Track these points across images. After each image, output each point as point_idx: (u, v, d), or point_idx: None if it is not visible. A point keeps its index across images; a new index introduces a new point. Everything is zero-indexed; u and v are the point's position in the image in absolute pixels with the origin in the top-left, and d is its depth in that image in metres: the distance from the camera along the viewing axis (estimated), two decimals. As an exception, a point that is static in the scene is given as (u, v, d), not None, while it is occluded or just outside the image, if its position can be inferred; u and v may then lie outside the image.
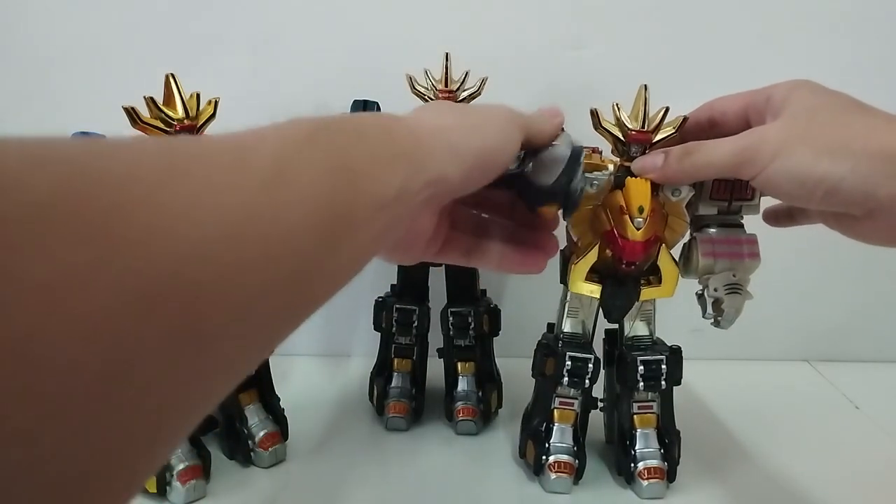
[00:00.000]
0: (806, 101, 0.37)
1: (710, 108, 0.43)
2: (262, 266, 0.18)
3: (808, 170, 0.35)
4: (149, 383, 0.15)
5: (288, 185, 0.20)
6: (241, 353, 0.19)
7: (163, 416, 0.17)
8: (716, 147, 0.38)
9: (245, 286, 0.18)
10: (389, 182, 0.24)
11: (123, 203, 0.15)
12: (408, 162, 0.25)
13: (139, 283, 0.15)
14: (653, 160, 0.41)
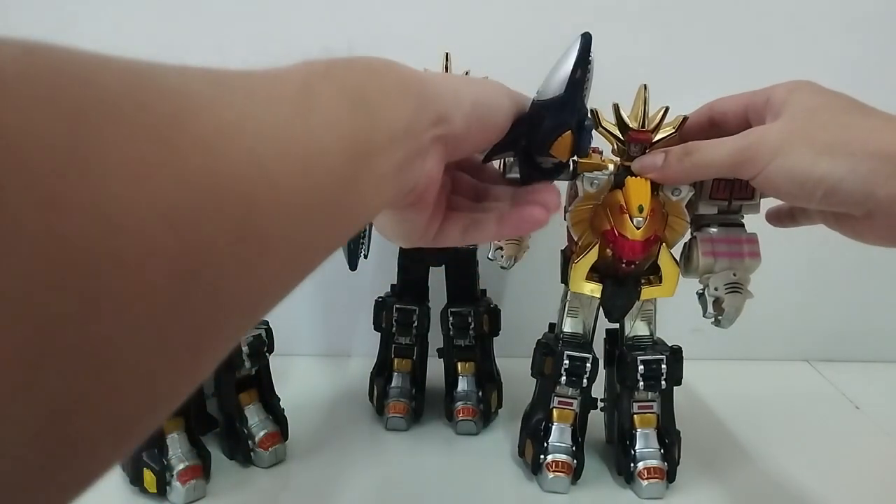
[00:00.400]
0: (806, 102, 0.37)
1: (709, 108, 0.43)
2: (304, 181, 0.19)
3: (807, 170, 0.35)
4: (218, 279, 0.16)
5: (316, 112, 0.21)
6: (292, 263, 0.20)
7: (227, 315, 0.17)
8: (715, 147, 0.39)
9: (293, 197, 0.19)
10: (399, 115, 0.25)
11: (184, 109, 0.16)
12: (415, 98, 0.26)
13: (209, 180, 0.16)
14: (652, 160, 0.41)
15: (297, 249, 0.20)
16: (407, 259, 0.56)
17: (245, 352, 0.48)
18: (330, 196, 0.21)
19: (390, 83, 0.25)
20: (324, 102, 0.22)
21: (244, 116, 0.18)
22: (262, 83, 0.21)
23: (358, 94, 0.23)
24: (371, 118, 0.23)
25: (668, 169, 0.40)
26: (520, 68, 0.62)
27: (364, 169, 0.23)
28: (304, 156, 0.19)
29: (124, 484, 0.46)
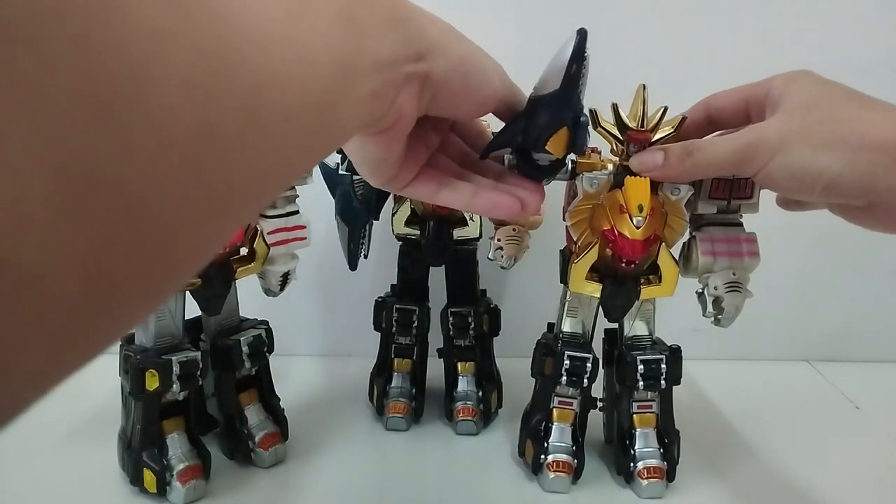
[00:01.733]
0: (803, 95, 0.37)
1: (706, 105, 0.43)
2: (298, 79, 0.20)
3: (806, 165, 0.35)
4: (229, 147, 0.17)
5: (308, 18, 0.21)
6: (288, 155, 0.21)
7: (237, 187, 0.18)
8: (716, 146, 0.39)
9: (289, 93, 0.19)
10: (384, 45, 0.25)
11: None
12: (403, 32, 0.26)
13: (221, 54, 0.17)
14: (652, 158, 0.41)
15: (291, 143, 0.21)
16: (407, 259, 0.56)
17: (245, 352, 0.48)
18: (317, 103, 0.21)
19: (385, 12, 0.26)
20: (316, 12, 0.22)
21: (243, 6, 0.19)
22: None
23: (349, 12, 0.23)
24: (359, 41, 0.24)
25: (670, 168, 0.40)
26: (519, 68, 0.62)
27: (346, 88, 0.23)
28: (297, 56, 0.20)
29: (124, 484, 0.46)
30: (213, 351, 0.48)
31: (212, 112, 0.16)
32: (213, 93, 0.16)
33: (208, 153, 0.16)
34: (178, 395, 0.45)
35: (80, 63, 0.13)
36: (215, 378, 0.49)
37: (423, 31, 0.28)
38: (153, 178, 0.15)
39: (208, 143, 0.16)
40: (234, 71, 0.17)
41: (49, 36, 0.13)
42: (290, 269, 0.49)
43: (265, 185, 0.20)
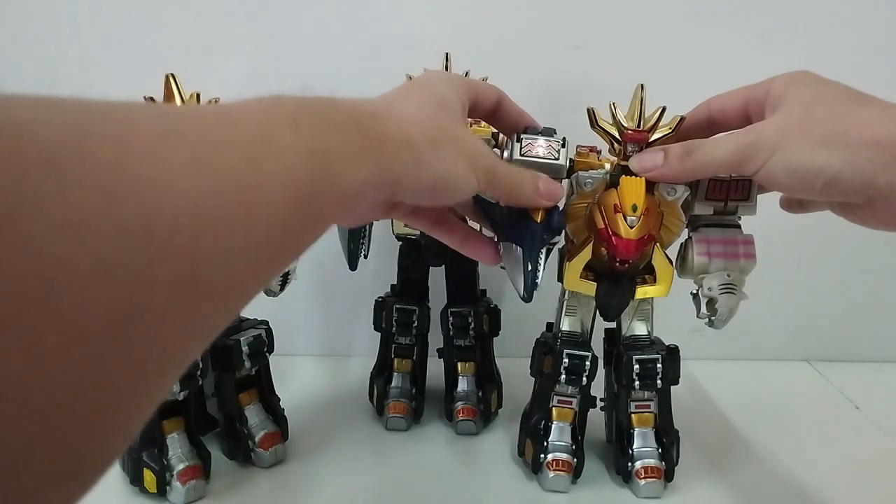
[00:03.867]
0: (802, 95, 0.38)
1: (707, 107, 0.43)
2: (246, 228, 0.19)
3: (805, 163, 0.35)
4: (158, 323, 0.17)
5: (270, 161, 0.21)
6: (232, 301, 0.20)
7: (167, 356, 0.18)
8: (716, 145, 0.39)
9: (235, 247, 0.19)
10: (354, 178, 0.25)
11: (126, 155, 0.16)
12: (375, 164, 0.26)
13: (148, 227, 0.16)
14: (652, 158, 0.41)
15: (237, 290, 0.20)
16: (407, 259, 0.56)
17: (245, 352, 0.48)
18: (273, 243, 0.21)
19: (352, 143, 0.25)
20: (281, 151, 0.22)
21: (192, 161, 0.18)
22: (216, 125, 0.21)
23: (319, 147, 0.23)
24: (327, 175, 0.23)
25: (670, 168, 0.40)
26: (519, 68, 0.63)
27: (309, 218, 0.23)
28: (250, 206, 0.20)
29: (124, 484, 0.46)
30: (212, 351, 0.48)
31: (137, 291, 0.16)
32: (139, 271, 0.16)
33: (133, 332, 0.16)
34: (177, 394, 0.45)
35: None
36: (215, 378, 0.49)
37: (398, 163, 0.28)
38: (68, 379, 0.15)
39: (132, 322, 0.16)
40: (162, 247, 0.16)
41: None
42: (290, 269, 0.49)
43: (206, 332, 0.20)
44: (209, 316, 0.19)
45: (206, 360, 0.47)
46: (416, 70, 0.50)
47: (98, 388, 0.15)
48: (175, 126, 0.19)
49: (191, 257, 0.17)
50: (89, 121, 0.17)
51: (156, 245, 0.16)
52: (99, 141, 0.16)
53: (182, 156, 0.18)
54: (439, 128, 0.31)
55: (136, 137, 0.17)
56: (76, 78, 0.59)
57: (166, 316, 0.17)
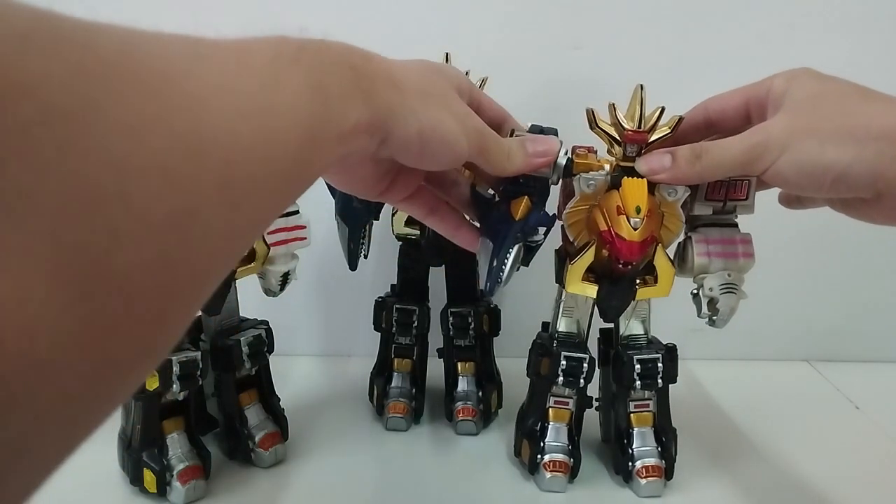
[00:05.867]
0: (806, 91, 0.38)
1: (704, 108, 0.44)
2: (265, 151, 0.21)
3: (815, 160, 0.35)
4: (209, 220, 0.18)
5: (281, 91, 0.23)
6: (261, 212, 0.22)
7: (215, 257, 0.20)
8: (725, 147, 0.39)
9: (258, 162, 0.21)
10: (349, 116, 0.26)
11: (170, 71, 0.18)
12: (369, 105, 0.27)
13: (194, 135, 0.18)
14: (660, 161, 0.41)
15: (260, 207, 0.22)
16: (407, 259, 0.56)
17: (245, 352, 0.48)
18: (283, 170, 0.23)
19: (350, 83, 0.27)
20: (288, 85, 0.23)
21: (218, 85, 0.20)
22: (233, 54, 0.23)
23: (319, 84, 0.25)
24: (326, 111, 0.25)
25: (679, 171, 0.40)
26: (519, 68, 0.63)
27: (311, 156, 0.24)
28: (268, 129, 0.21)
29: (124, 484, 0.46)
30: (213, 351, 0.48)
31: (189, 193, 0.17)
32: (189, 174, 0.17)
33: (190, 231, 0.18)
34: (178, 395, 0.45)
35: (65, 166, 0.14)
36: (215, 378, 0.49)
37: (386, 102, 0.29)
38: (142, 263, 0.16)
39: (189, 222, 0.18)
40: (208, 150, 0.18)
41: (35, 145, 0.14)
42: (290, 269, 0.49)
43: (240, 246, 0.22)
44: (244, 224, 0.21)
45: (206, 360, 0.47)
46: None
47: (166, 273, 0.17)
48: (204, 49, 0.21)
49: (228, 166, 0.19)
50: (135, 39, 0.18)
51: (201, 152, 0.18)
52: (147, 57, 0.18)
53: (212, 78, 0.20)
54: (430, 83, 0.32)
55: (176, 57, 0.19)
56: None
57: (214, 216, 0.19)
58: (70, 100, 0.15)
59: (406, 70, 0.31)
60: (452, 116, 0.32)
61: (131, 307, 0.16)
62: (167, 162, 0.17)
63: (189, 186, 0.17)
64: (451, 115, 0.32)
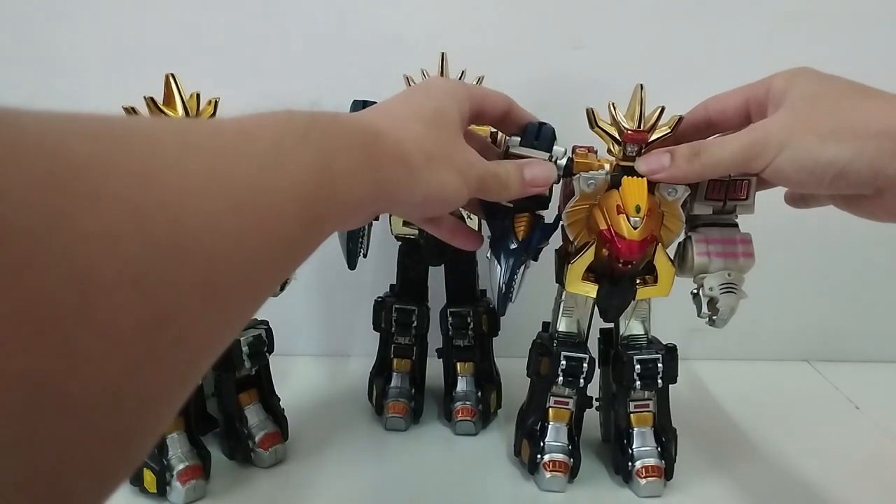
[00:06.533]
0: (806, 89, 0.38)
1: (704, 108, 0.44)
2: (258, 238, 0.21)
3: (815, 157, 0.36)
4: (183, 328, 0.17)
5: (282, 174, 0.22)
6: (243, 310, 0.22)
7: (192, 359, 0.19)
8: (723, 145, 0.39)
9: (248, 253, 0.20)
10: (356, 194, 0.27)
11: (152, 167, 0.17)
12: (372, 179, 0.28)
13: (173, 237, 0.17)
14: (659, 160, 0.41)
15: (250, 295, 0.21)
16: (406, 259, 0.56)
17: (245, 352, 0.48)
18: (281, 252, 0.22)
19: (358, 162, 0.27)
20: (292, 166, 0.23)
21: (210, 175, 0.19)
22: (234, 137, 0.22)
23: (326, 163, 0.25)
24: (331, 190, 0.25)
25: (677, 170, 0.40)
26: (518, 68, 0.63)
27: (313, 230, 0.24)
28: (262, 216, 0.21)
29: (124, 484, 0.46)
30: (212, 351, 0.48)
31: (164, 300, 0.16)
32: (165, 280, 0.16)
33: (163, 339, 0.17)
34: (177, 395, 0.45)
35: (20, 285, 0.13)
36: (215, 378, 0.49)
37: (394, 178, 0.30)
38: (104, 384, 0.15)
39: (162, 330, 0.16)
40: (189, 251, 0.17)
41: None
42: (290, 270, 0.49)
43: (223, 343, 0.21)
44: (227, 321, 0.20)
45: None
46: (413, 69, 0.50)
47: (132, 390, 0.16)
48: (196, 138, 0.20)
49: (211, 265, 0.18)
50: (116, 135, 0.18)
51: (180, 254, 0.17)
52: (127, 154, 0.17)
53: (202, 168, 0.19)
54: (435, 143, 0.33)
55: (161, 150, 0.18)
56: (76, 78, 0.59)
57: (191, 321, 0.18)
58: (31, 214, 0.14)
59: (412, 133, 0.32)
60: (456, 174, 0.34)
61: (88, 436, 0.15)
62: (139, 269, 0.16)
63: (163, 293, 0.16)
64: (456, 173, 0.34)
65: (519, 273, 0.43)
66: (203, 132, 0.21)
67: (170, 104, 0.42)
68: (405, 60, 0.50)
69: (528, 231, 0.44)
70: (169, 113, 0.42)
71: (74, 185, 0.15)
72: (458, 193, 0.34)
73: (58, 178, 0.15)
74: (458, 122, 0.36)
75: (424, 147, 0.32)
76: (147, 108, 0.42)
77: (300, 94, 0.59)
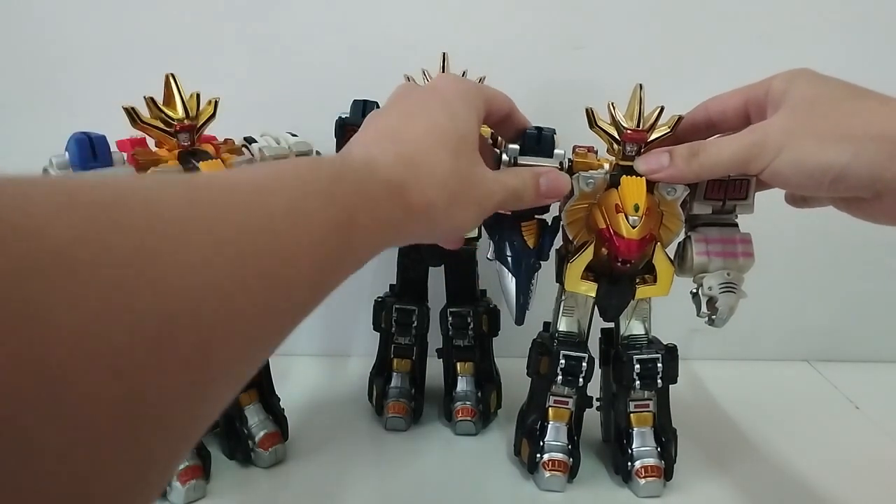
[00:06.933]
0: (805, 92, 0.38)
1: (705, 108, 0.44)
2: (265, 305, 0.20)
3: (813, 159, 0.36)
4: (166, 410, 0.16)
5: (298, 236, 0.21)
6: (242, 376, 0.21)
7: (173, 443, 0.18)
8: (722, 146, 0.39)
9: (251, 322, 0.19)
10: (375, 248, 0.27)
11: (145, 249, 0.16)
12: (395, 233, 0.28)
13: (159, 322, 0.16)
14: (658, 159, 0.41)
15: (250, 360, 0.20)
16: (406, 259, 0.56)
17: (245, 352, 0.48)
18: (288, 312, 0.22)
19: (383, 218, 0.27)
20: (311, 225, 0.22)
21: (215, 245, 0.18)
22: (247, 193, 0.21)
23: (349, 219, 0.24)
24: (349, 245, 0.25)
25: (676, 170, 0.40)
26: (518, 68, 0.63)
27: (325, 286, 0.24)
28: (271, 281, 0.20)
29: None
30: (212, 351, 0.48)
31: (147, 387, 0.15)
32: (150, 368, 0.15)
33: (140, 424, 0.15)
34: (177, 394, 0.45)
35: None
36: (215, 378, 0.49)
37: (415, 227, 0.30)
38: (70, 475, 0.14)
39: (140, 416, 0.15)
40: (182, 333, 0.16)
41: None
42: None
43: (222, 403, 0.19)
44: (217, 397, 0.19)
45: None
46: (414, 70, 0.50)
47: (100, 481, 0.15)
48: (201, 208, 0.19)
49: (206, 345, 0.17)
50: (110, 210, 0.16)
51: (170, 340, 0.16)
52: (117, 233, 0.16)
53: (208, 238, 0.18)
54: (459, 179, 0.33)
55: (162, 219, 0.17)
56: (76, 79, 0.60)
57: (174, 405, 0.16)
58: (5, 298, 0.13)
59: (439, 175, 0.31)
60: (476, 208, 0.34)
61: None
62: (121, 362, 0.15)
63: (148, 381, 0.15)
64: (476, 207, 0.34)
65: (534, 281, 0.44)
66: (214, 194, 0.20)
67: (170, 104, 0.42)
68: (406, 60, 0.50)
69: (538, 238, 0.44)
70: (169, 113, 0.42)
71: (53, 272, 0.14)
72: (474, 225, 0.35)
73: (35, 264, 0.13)
74: (477, 137, 0.36)
75: (448, 186, 0.32)
76: (147, 108, 0.42)
77: (301, 93, 0.59)
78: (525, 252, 0.44)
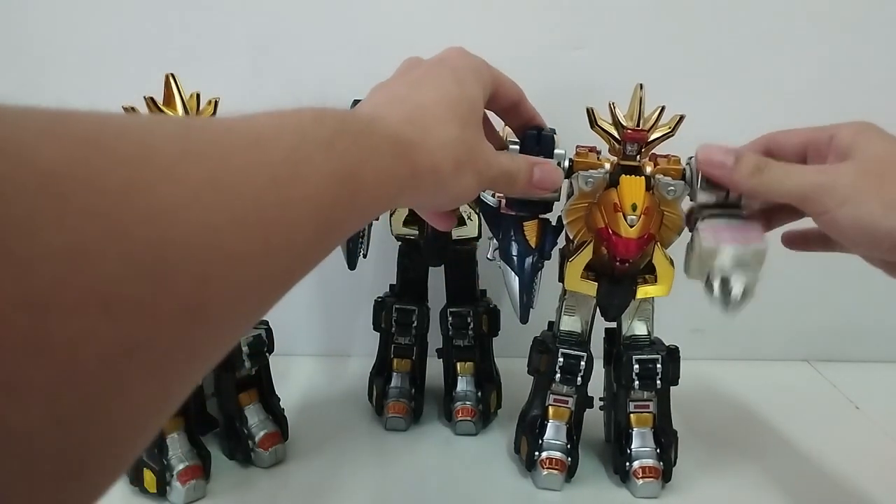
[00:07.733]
0: (875, 150, 0.37)
1: (767, 140, 0.42)
2: (263, 255, 0.19)
3: (876, 222, 0.35)
4: (159, 358, 0.16)
5: (298, 184, 0.21)
6: (238, 328, 0.20)
7: (168, 389, 0.17)
8: (788, 173, 0.38)
9: (248, 270, 0.18)
10: (379, 203, 0.26)
11: (138, 180, 0.15)
12: (399, 189, 0.28)
13: (156, 254, 0.15)
14: (723, 157, 0.39)
15: (248, 311, 0.20)
16: (406, 259, 0.56)
17: (245, 352, 0.48)
18: (287, 267, 0.21)
19: (388, 172, 0.26)
20: (310, 176, 0.21)
21: (210, 184, 0.17)
22: (245, 145, 0.20)
23: (352, 173, 0.23)
24: (352, 199, 0.24)
25: (738, 175, 0.39)
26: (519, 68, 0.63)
27: (326, 241, 0.23)
28: (270, 232, 0.19)
29: (124, 484, 0.46)
30: (212, 351, 0.48)
31: (139, 326, 0.15)
32: (142, 303, 0.15)
33: (132, 369, 0.15)
34: (177, 395, 0.45)
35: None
36: (215, 378, 0.49)
37: (421, 187, 0.29)
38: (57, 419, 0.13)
39: (132, 359, 0.15)
40: (174, 272, 0.15)
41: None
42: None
43: (215, 357, 0.19)
44: (214, 344, 0.18)
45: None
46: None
47: (89, 428, 0.14)
48: (197, 145, 0.18)
49: (201, 286, 0.16)
50: (103, 139, 0.16)
51: (163, 274, 0.15)
52: (110, 161, 0.15)
53: (202, 177, 0.17)
54: (465, 147, 0.32)
55: (156, 156, 0.16)
56: (76, 79, 0.59)
57: (169, 349, 0.16)
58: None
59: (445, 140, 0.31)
60: (476, 176, 0.34)
61: (34, 476, 0.13)
62: (110, 291, 0.14)
63: (139, 319, 0.14)
64: (475, 175, 0.34)
65: (537, 280, 0.44)
66: (208, 135, 0.19)
67: (170, 104, 0.42)
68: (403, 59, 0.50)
69: (540, 237, 0.44)
70: (169, 113, 0.42)
71: (40, 194, 0.13)
72: (473, 194, 0.35)
73: (20, 186, 0.13)
74: (482, 104, 0.36)
75: (455, 153, 0.32)
76: (147, 108, 0.42)
77: (301, 93, 0.59)
78: (528, 251, 0.44)
